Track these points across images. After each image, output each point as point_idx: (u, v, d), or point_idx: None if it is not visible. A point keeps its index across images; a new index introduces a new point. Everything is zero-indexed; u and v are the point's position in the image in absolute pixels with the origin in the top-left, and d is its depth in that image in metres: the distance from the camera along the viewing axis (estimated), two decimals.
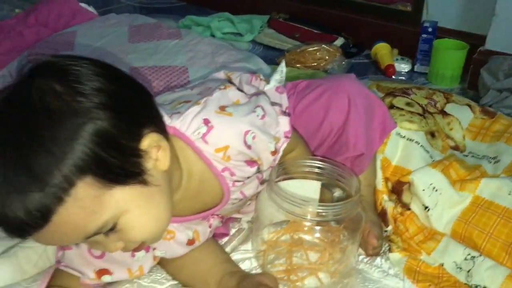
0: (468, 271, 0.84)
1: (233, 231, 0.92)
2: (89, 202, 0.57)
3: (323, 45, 1.62)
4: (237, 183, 0.77)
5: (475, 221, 0.88)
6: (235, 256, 0.87)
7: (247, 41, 1.85)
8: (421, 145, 0.99)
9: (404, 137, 1.00)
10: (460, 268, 0.85)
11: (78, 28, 1.52)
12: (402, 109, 1.06)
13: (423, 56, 1.63)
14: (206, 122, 0.71)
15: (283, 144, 0.79)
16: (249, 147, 0.73)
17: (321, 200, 0.85)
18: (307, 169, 0.85)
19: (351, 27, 1.83)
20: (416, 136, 1.00)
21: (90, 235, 0.60)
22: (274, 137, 0.76)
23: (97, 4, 2.30)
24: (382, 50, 1.67)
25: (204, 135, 0.71)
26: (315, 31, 1.82)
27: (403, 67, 1.66)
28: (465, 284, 0.83)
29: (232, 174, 0.75)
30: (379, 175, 0.97)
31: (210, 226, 0.82)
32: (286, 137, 0.79)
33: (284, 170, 0.83)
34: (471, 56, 1.51)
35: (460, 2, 1.61)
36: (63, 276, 0.75)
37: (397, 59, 1.67)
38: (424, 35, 1.61)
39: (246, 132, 0.72)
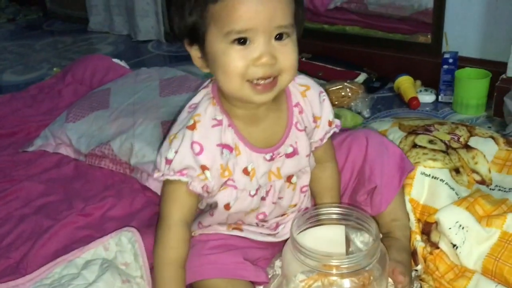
0: None
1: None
2: None
3: (345, 83, 1.66)
4: (297, 127, 0.88)
5: (505, 257, 0.89)
6: None
7: None
8: (446, 183, 1.01)
9: (429, 175, 1.02)
10: None
11: (111, 85, 1.61)
12: (425, 147, 1.08)
13: (446, 86, 1.65)
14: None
15: (334, 128, 0.94)
16: (321, 101, 0.90)
17: (348, 243, 0.88)
18: (327, 216, 0.89)
19: (373, 62, 1.87)
20: (440, 173, 1.02)
21: None
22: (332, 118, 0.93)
23: (129, 55, 2.45)
24: (405, 83, 1.70)
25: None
26: (338, 69, 1.87)
27: (427, 98, 1.68)
28: None
29: (300, 111, 0.88)
30: (411, 217, 0.99)
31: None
32: (337, 126, 0.95)
33: (305, 220, 0.87)
34: (495, 83, 1.52)
35: (479, 30, 1.64)
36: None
37: (420, 91, 1.70)
38: (445, 66, 1.64)
39: (321, 92, 0.91)
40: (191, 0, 0.76)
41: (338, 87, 1.66)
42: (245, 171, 0.86)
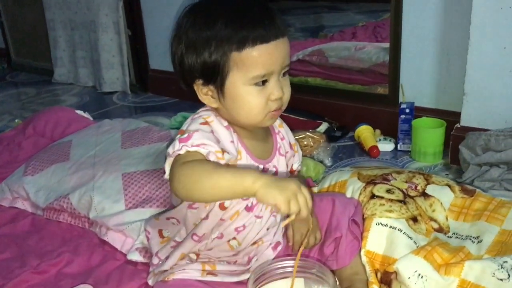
0: None
1: None
2: None
3: (307, 133, 1.69)
4: (279, 151, 0.98)
5: None
6: None
7: None
8: (404, 232, 1.03)
9: (386, 225, 1.03)
10: None
11: (73, 137, 1.59)
12: (383, 197, 1.10)
13: (404, 135, 1.70)
14: None
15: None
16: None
17: None
18: (284, 270, 0.89)
19: (334, 112, 1.92)
20: (398, 223, 1.04)
21: None
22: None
23: (94, 107, 2.44)
24: (365, 132, 1.74)
25: None
26: (300, 118, 1.90)
27: (387, 147, 1.72)
28: None
29: (282, 138, 1.01)
30: (367, 268, 0.99)
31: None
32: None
33: (262, 275, 0.87)
34: (450, 132, 1.58)
35: (433, 82, 1.70)
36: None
37: (380, 140, 1.74)
38: (402, 116, 1.69)
39: None
40: (211, 43, 0.83)
41: (300, 136, 1.69)
42: None
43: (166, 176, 0.84)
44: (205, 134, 0.84)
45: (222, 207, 0.90)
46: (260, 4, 0.86)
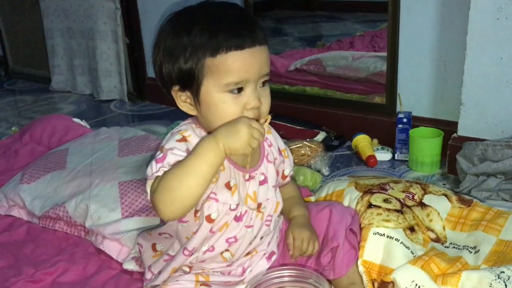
0: None
1: None
2: None
3: (305, 142, 1.69)
4: (267, 158, 0.97)
5: None
6: None
7: None
8: (401, 242, 1.02)
9: (383, 235, 1.03)
10: None
11: (70, 145, 1.59)
12: (380, 207, 1.10)
13: (401, 145, 1.70)
14: None
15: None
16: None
17: None
18: (279, 280, 0.89)
19: (331, 121, 1.92)
20: (395, 233, 1.03)
21: None
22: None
23: (91, 115, 2.43)
24: (362, 142, 1.74)
25: None
26: (298, 128, 1.90)
27: (384, 156, 1.72)
28: None
29: (270, 145, 0.99)
30: (364, 278, 0.99)
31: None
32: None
33: (257, 286, 0.86)
34: (447, 141, 1.58)
35: (430, 92, 1.71)
36: None
37: (377, 149, 1.74)
38: (400, 125, 1.69)
39: None
40: (186, 50, 0.83)
41: (298, 145, 1.69)
42: (228, 186, 0.90)
43: (149, 198, 0.86)
44: (179, 153, 0.84)
45: (209, 220, 0.89)
46: (239, 13, 0.86)
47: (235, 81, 0.83)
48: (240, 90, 0.84)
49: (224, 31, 0.82)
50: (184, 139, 0.87)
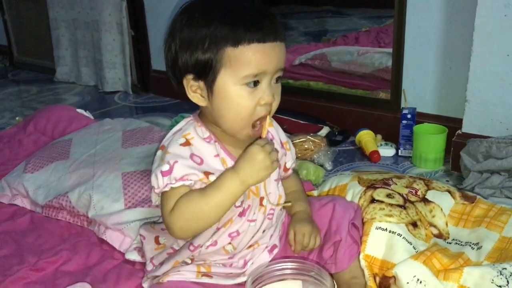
0: None
1: None
2: None
3: (308, 137, 1.69)
4: None
5: None
6: None
7: None
8: (403, 237, 1.02)
9: (386, 230, 1.03)
10: None
11: (73, 135, 1.59)
12: (383, 201, 1.09)
13: (405, 141, 1.69)
14: None
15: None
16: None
17: None
18: (282, 272, 0.89)
19: (335, 116, 1.92)
20: (397, 228, 1.03)
21: None
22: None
23: (95, 106, 2.44)
24: (366, 137, 1.74)
25: None
26: (301, 122, 1.90)
27: (388, 152, 1.71)
28: None
29: (271, 138, 0.98)
30: (366, 272, 0.99)
31: None
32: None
33: (260, 276, 0.86)
34: (451, 138, 1.57)
35: (435, 88, 1.70)
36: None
37: (381, 145, 1.74)
38: (404, 121, 1.69)
39: None
40: (205, 40, 0.82)
41: (301, 140, 1.69)
42: None
43: (154, 203, 0.89)
44: (185, 163, 0.85)
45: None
46: (259, 7, 0.86)
47: (254, 73, 0.82)
48: (256, 84, 0.83)
49: (247, 23, 0.81)
50: (187, 143, 0.87)
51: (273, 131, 1.02)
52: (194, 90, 0.87)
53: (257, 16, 0.84)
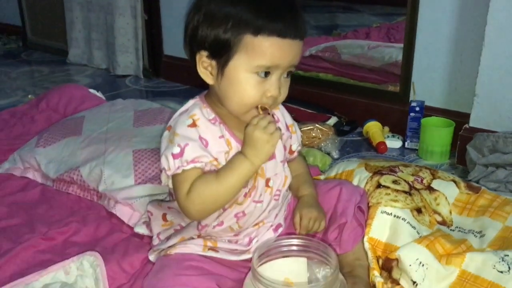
0: None
1: None
2: None
3: (316, 125, 1.71)
4: None
5: None
6: None
7: None
8: (407, 222, 1.04)
9: (390, 214, 1.05)
10: None
11: (86, 113, 1.61)
12: (388, 187, 1.11)
13: (412, 133, 1.71)
14: None
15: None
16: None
17: (310, 275, 0.89)
18: (288, 248, 0.91)
19: (343, 107, 1.94)
20: (402, 213, 1.05)
21: None
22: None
23: (106, 88, 2.46)
24: (373, 128, 1.76)
25: None
26: (310, 111, 1.92)
27: (395, 144, 1.73)
28: None
29: (277, 121, 0.98)
30: (369, 254, 1.01)
31: None
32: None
33: (266, 252, 0.88)
34: (458, 132, 1.59)
35: (445, 82, 1.72)
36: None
37: (388, 136, 1.75)
38: (412, 114, 1.70)
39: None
40: (229, 20, 0.83)
41: (309, 127, 1.70)
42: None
43: (163, 183, 0.92)
44: (195, 145, 0.86)
45: None
46: (289, 1, 0.86)
47: (267, 65, 0.83)
48: (266, 74, 0.84)
49: (272, 14, 0.82)
50: (194, 124, 0.88)
51: (279, 113, 1.03)
52: (205, 66, 0.87)
53: (283, 8, 0.84)
